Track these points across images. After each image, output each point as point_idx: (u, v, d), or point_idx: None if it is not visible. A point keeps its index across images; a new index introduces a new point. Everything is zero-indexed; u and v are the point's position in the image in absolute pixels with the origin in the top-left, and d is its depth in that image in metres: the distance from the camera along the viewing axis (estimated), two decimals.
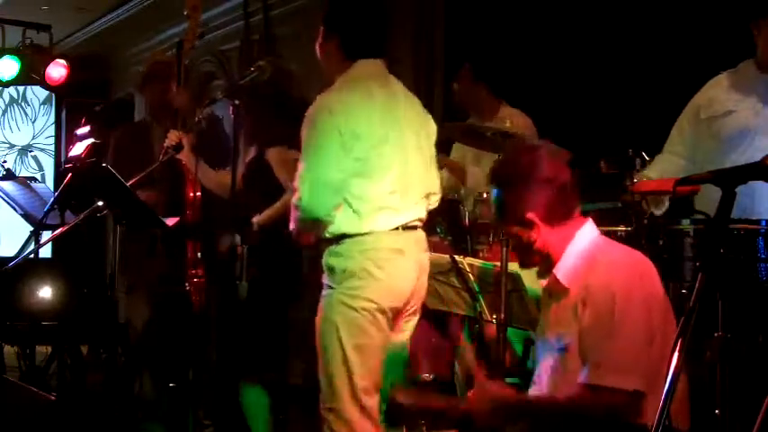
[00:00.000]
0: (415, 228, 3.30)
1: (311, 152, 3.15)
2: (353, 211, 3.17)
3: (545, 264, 2.47)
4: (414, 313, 3.35)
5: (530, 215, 2.41)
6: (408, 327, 3.37)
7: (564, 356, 2.37)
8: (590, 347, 2.29)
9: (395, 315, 3.25)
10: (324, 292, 3.25)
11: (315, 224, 3.18)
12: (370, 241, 3.19)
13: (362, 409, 3.16)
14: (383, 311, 3.19)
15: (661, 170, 3.63)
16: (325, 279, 3.25)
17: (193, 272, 4.11)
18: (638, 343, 2.26)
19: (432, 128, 3.45)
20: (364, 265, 3.17)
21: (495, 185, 2.51)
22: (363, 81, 3.26)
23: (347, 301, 3.17)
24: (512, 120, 4.31)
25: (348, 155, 3.13)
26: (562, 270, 2.43)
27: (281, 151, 4.02)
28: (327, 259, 3.23)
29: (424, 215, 3.34)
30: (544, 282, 2.52)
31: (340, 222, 3.18)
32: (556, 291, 2.47)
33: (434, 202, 3.41)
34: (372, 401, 3.18)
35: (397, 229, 3.22)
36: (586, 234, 2.45)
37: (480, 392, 2.40)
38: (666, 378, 1.87)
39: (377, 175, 3.19)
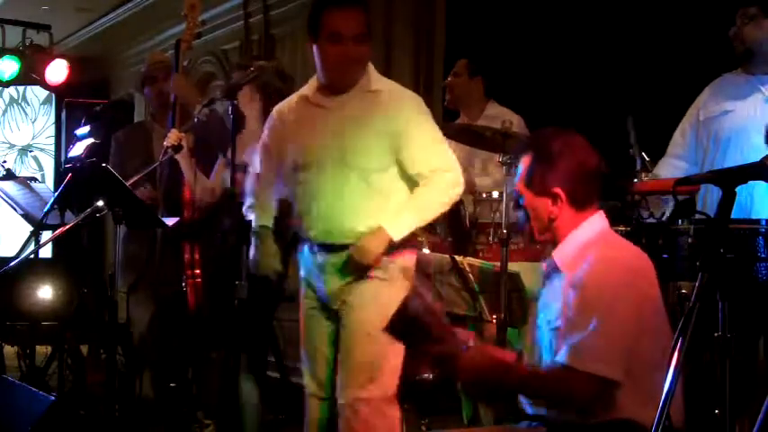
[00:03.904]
0: None
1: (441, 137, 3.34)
2: None
3: (552, 241, 2.50)
4: None
5: (557, 189, 2.44)
6: None
7: (555, 338, 2.40)
8: (571, 330, 2.32)
9: None
10: (363, 285, 3.26)
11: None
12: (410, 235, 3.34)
13: (395, 398, 3.27)
14: None
15: (665, 174, 3.64)
16: (372, 272, 3.26)
17: (191, 272, 4.11)
18: (623, 336, 2.28)
19: None
20: (411, 262, 3.33)
21: (529, 153, 2.53)
22: None
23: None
24: (501, 117, 4.33)
25: None
26: (561, 253, 2.47)
27: None
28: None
29: None
30: (545, 265, 2.55)
31: None
32: (553, 273, 2.51)
33: None
34: None
35: None
36: (594, 224, 2.48)
37: (481, 353, 2.42)
38: (666, 378, 1.88)
39: None
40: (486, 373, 2.39)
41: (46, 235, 4.88)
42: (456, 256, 3.66)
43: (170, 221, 4.11)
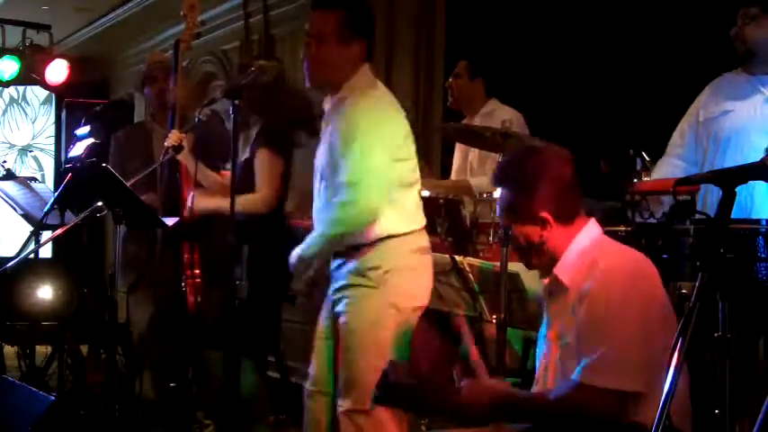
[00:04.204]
0: None
1: (367, 154, 3.16)
2: (395, 211, 3.22)
3: (550, 263, 2.48)
4: None
5: (543, 213, 2.41)
6: None
7: (564, 354, 2.38)
8: (584, 347, 2.29)
9: None
10: (351, 292, 3.24)
11: (364, 227, 3.18)
12: (413, 240, 3.26)
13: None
14: (422, 309, 3.27)
15: (664, 174, 3.64)
16: (353, 280, 3.24)
17: (190, 272, 4.11)
18: (633, 344, 2.26)
19: None
20: (409, 263, 3.24)
21: (505, 185, 2.50)
22: (382, 87, 3.35)
23: (398, 302, 3.20)
24: (499, 113, 4.32)
25: (392, 159, 3.20)
26: (563, 269, 2.44)
27: (269, 154, 4.04)
28: (365, 262, 3.21)
29: None
30: (546, 280, 2.53)
31: (385, 223, 3.20)
32: (556, 289, 2.48)
33: None
34: None
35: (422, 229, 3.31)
36: (589, 233, 2.46)
37: (477, 388, 2.40)
38: (666, 378, 1.87)
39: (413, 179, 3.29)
40: (492, 408, 2.37)
41: (46, 235, 4.88)
42: (456, 256, 3.66)
43: (170, 221, 4.11)
